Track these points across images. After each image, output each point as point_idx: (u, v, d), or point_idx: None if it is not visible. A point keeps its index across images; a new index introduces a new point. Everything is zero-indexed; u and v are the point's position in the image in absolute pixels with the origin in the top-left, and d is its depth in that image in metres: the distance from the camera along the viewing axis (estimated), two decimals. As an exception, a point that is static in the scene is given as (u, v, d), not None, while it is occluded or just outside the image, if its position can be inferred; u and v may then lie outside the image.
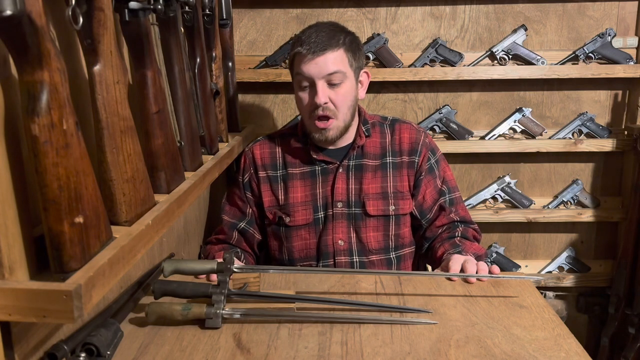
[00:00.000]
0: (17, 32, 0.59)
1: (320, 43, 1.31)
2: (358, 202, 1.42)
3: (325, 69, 1.31)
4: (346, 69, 1.34)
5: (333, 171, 1.43)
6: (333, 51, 1.32)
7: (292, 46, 1.38)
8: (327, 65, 1.31)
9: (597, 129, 1.99)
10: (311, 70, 1.32)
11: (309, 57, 1.31)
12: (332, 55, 1.32)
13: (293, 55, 1.36)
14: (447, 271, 1.21)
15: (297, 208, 1.43)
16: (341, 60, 1.33)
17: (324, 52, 1.31)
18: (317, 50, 1.30)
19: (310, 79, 1.33)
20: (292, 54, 1.37)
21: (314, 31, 1.34)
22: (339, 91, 1.34)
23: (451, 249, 1.34)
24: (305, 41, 1.32)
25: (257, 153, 1.49)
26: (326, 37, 1.32)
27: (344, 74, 1.34)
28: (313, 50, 1.30)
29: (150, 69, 0.95)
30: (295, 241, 1.43)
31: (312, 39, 1.32)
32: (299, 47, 1.33)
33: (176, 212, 0.99)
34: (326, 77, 1.32)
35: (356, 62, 1.38)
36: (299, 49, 1.33)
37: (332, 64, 1.31)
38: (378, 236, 1.42)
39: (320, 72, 1.32)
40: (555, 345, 0.92)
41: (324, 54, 1.31)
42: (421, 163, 1.45)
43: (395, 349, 0.91)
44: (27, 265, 0.69)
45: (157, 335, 0.96)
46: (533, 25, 1.96)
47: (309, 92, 1.35)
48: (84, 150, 0.70)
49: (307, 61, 1.32)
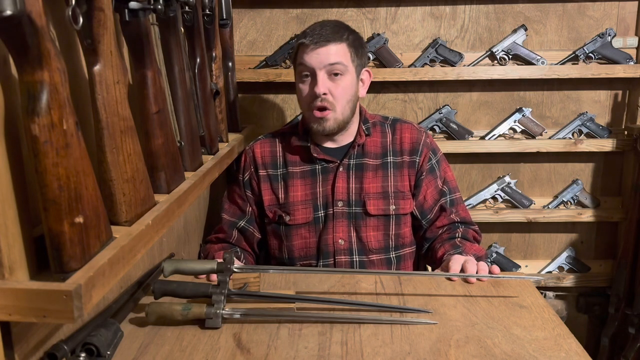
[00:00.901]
0: (17, 32, 0.59)
1: (324, 35, 1.34)
2: (358, 201, 1.42)
3: (326, 59, 1.33)
4: (347, 62, 1.36)
5: (333, 170, 1.44)
6: (336, 44, 1.34)
7: (297, 40, 1.40)
8: (329, 56, 1.34)
9: (597, 129, 1.99)
10: (312, 60, 1.34)
11: (312, 47, 1.34)
12: (335, 47, 1.34)
13: (297, 46, 1.38)
14: (448, 272, 1.21)
15: (297, 207, 1.43)
16: (343, 53, 1.36)
17: (327, 44, 1.34)
18: (320, 41, 1.33)
19: (311, 69, 1.35)
20: (296, 46, 1.40)
21: (319, 25, 1.38)
22: (339, 83, 1.36)
23: (451, 250, 1.34)
24: (310, 33, 1.35)
25: (258, 152, 1.49)
26: (330, 31, 1.35)
27: (345, 66, 1.36)
28: (316, 41, 1.33)
29: (150, 69, 0.95)
30: (296, 240, 1.44)
31: (316, 31, 1.35)
32: (303, 39, 1.36)
33: (176, 212, 0.99)
34: (327, 68, 1.34)
35: (358, 59, 1.39)
36: (302, 40, 1.36)
37: (334, 55, 1.34)
38: (378, 235, 1.42)
39: (321, 62, 1.34)
40: (555, 345, 0.92)
41: (326, 45, 1.33)
42: (422, 163, 1.45)
43: (395, 349, 0.91)
44: (27, 265, 0.69)
45: (157, 335, 0.96)
46: (533, 25, 1.96)
47: (309, 82, 1.37)
48: (84, 150, 0.70)
49: (309, 51, 1.34)
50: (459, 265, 1.21)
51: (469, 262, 1.20)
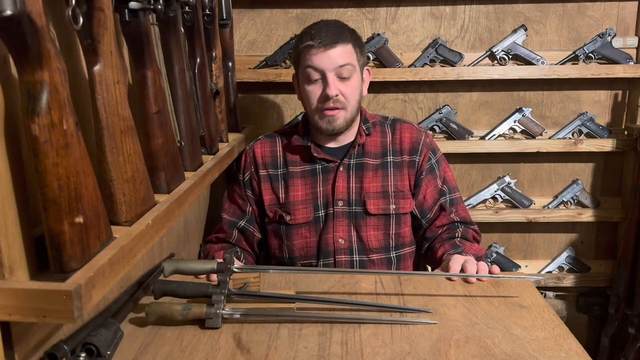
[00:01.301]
0: (17, 32, 0.59)
1: (331, 36, 1.33)
2: (359, 201, 1.42)
3: (337, 61, 1.34)
4: (355, 62, 1.37)
5: (334, 169, 1.44)
6: (344, 45, 1.35)
7: (299, 41, 1.39)
8: (339, 58, 1.34)
9: (597, 129, 1.99)
10: (323, 63, 1.34)
11: (321, 49, 1.33)
12: (342, 48, 1.34)
13: (301, 49, 1.37)
14: (447, 271, 1.21)
15: (298, 206, 1.43)
16: (350, 53, 1.36)
17: (336, 45, 1.33)
18: (329, 42, 1.33)
19: (321, 71, 1.35)
20: (299, 48, 1.38)
21: (322, 26, 1.37)
22: (348, 84, 1.36)
23: (451, 250, 1.34)
24: (316, 35, 1.34)
25: (258, 151, 1.49)
26: (336, 32, 1.35)
27: (354, 67, 1.37)
28: (325, 43, 1.33)
29: (150, 69, 0.95)
30: (296, 239, 1.44)
31: (322, 32, 1.34)
32: (309, 41, 1.34)
33: (176, 212, 0.99)
34: (337, 70, 1.34)
35: (362, 57, 1.41)
36: (309, 42, 1.34)
37: (343, 56, 1.34)
38: (378, 235, 1.42)
39: (332, 64, 1.34)
40: (555, 345, 0.92)
41: (335, 47, 1.33)
42: (422, 162, 1.46)
43: (395, 349, 0.91)
44: (27, 265, 0.69)
45: (157, 335, 0.96)
46: (533, 25, 1.96)
47: (319, 84, 1.37)
48: (84, 150, 0.70)
49: (319, 53, 1.33)
50: (458, 265, 1.21)
51: (468, 262, 1.20)
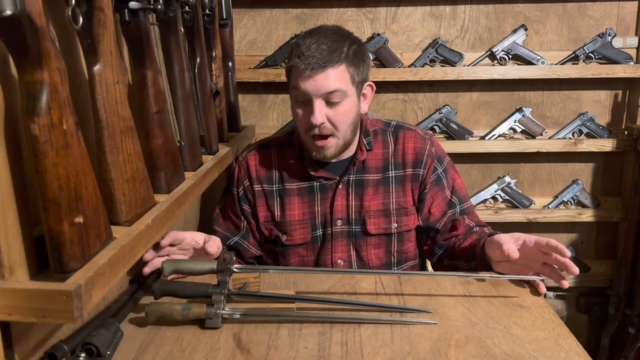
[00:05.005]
0: (17, 32, 0.59)
1: (320, 58, 1.18)
2: (358, 220, 1.34)
3: (324, 87, 1.19)
4: (347, 86, 1.22)
5: (332, 187, 1.34)
6: (334, 67, 1.19)
7: (290, 53, 1.25)
8: (326, 83, 1.19)
9: (597, 129, 1.99)
10: (308, 88, 1.19)
11: (307, 73, 1.18)
12: (333, 72, 1.19)
13: (290, 65, 1.23)
14: (501, 252, 1.11)
15: (295, 226, 1.35)
16: (342, 77, 1.21)
17: (324, 69, 1.18)
18: (317, 66, 1.18)
19: (307, 97, 1.21)
20: (288, 65, 1.24)
21: (314, 42, 1.20)
22: (338, 110, 1.23)
23: (485, 235, 1.25)
24: (304, 54, 1.19)
25: (252, 164, 1.38)
26: (327, 51, 1.19)
27: (344, 92, 1.21)
28: (312, 67, 1.18)
29: (150, 69, 0.95)
30: (293, 258, 1.37)
31: (312, 51, 1.19)
32: (296, 60, 1.20)
33: (176, 212, 0.99)
34: (324, 96, 1.20)
35: (359, 75, 1.25)
36: (296, 62, 1.20)
37: (332, 81, 1.19)
38: (379, 253, 1.36)
39: (318, 90, 1.19)
40: (555, 345, 0.92)
41: (323, 71, 1.18)
42: (426, 175, 1.36)
43: (395, 349, 0.91)
44: (27, 265, 0.69)
45: (157, 335, 0.96)
46: (533, 25, 1.96)
47: (306, 108, 1.24)
48: (84, 150, 0.70)
49: (304, 78, 1.19)
50: (512, 241, 1.11)
51: (521, 235, 1.13)
